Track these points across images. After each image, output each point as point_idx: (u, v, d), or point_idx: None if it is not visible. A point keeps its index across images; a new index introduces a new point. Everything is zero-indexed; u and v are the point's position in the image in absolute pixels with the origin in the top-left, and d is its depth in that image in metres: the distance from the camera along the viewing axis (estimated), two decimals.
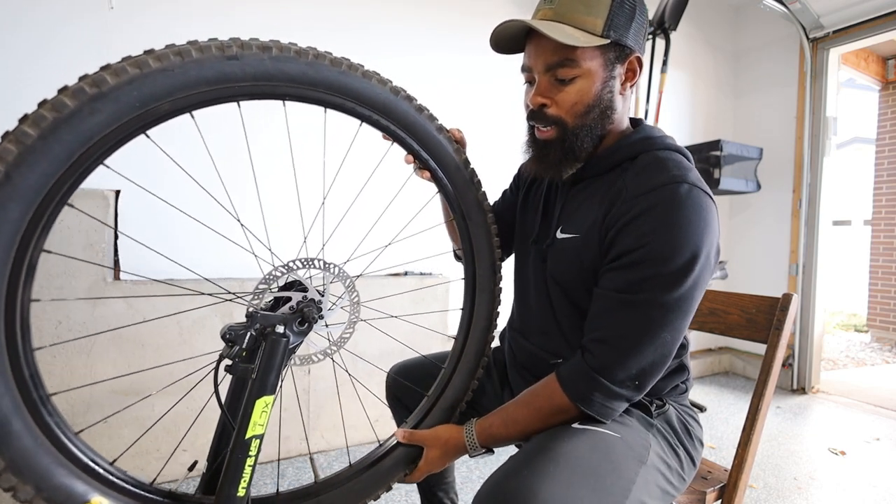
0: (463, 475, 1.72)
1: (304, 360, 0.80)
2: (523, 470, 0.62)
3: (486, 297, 0.90)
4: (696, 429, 0.87)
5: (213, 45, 0.60)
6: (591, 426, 0.72)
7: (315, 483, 0.80)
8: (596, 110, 0.76)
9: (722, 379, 3.07)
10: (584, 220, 0.78)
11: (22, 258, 0.52)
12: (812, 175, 2.83)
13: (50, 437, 0.56)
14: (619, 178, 0.76)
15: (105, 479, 0.61)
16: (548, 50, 0.73)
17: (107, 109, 0.53)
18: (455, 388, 0.90)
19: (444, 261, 2.03)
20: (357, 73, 0.70)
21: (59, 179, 0.52)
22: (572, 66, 0.72)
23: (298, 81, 0.66)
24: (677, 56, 2.96)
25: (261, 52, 0.62)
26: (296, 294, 0.75)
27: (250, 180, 1.56)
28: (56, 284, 1.43)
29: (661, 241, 0.67)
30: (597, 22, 0.71)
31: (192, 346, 1.60)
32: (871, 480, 1.80)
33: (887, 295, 4.41)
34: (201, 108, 0.61)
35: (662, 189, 0.69)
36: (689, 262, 0.67)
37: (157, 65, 0.56)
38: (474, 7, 2.30)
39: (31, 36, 1.51)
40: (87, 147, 0.53)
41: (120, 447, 1.52)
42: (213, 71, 0.59)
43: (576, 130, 0.76)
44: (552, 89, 0.75)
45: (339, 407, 1.88)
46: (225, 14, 1.79)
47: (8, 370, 0.52)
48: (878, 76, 4.20)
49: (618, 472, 0.66)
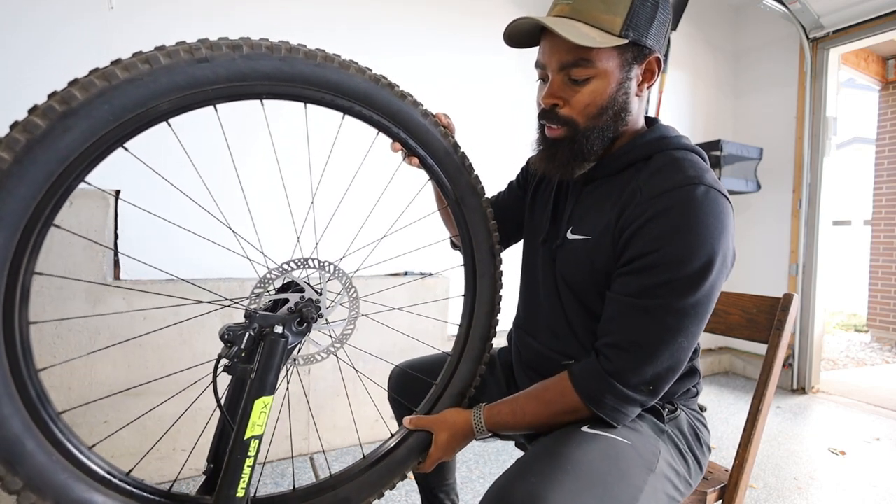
0: (463, 475, 1.72)
1: (307, 360, 0.79)
2: (531, 476, 0.61)
3: (487, 281, 0.89)
4: (705, 434, 0.86)
5: (180, 48, 0.58)
6: (601, 431, 0.71)
7: (330, 477, 0.80)
8: (609, 112, 0.73)
9: (722, 379, 3.07)
10: (597, 221, 0.76)
11: (14, 284, 0.52)
12: (812, 175, 2.83)
13: (64, 453, 0.56)
14: (633, 179, 0.74)
15: (123, 489, 0.62)
16: (562, 49, 0.70)
17: (80, 126, 0.52)
18: (462, 376, 0.90)
19: (444, 260, 2.03)
20: (334, 65, 0.68)
21: (40, 202, 0.51)
22: (587, 66, 0.69)
23: (274, 78, 0.64)
24: (677, 56, 2.96)
25: (231, 51, 0.60)
26: (293, 295, 0.74)
27: (242, 182, 1.56)
28: (56, 284, 1.43)
29: (676, 245, 0.65)
30: (616, 20, 0.67)
31: (191, 346, 1.60)
32: (871, 480, 1.80)
33: (887, 295, 4.41)
34: (177, 115, 0.60)
35: (678, 191, 0.67)
36: (705, 266, 0.65)
37: (126, 75, 0.54)
38: (474, 7, 2.30)
39: (31, 36, 1.51)
40: (66, 166, 0.52)
41: (120, 447, 1.52)
42: (184, 76, 0.57)
43: (587, 132, 0.74)
44: (565, 89, 0.73)
45: (338, 407, 1.88)
46: (225, 14, 1.78)
47: (14, 392, 0.52)
48: (878, 76, 4.20)
49: (626, 481, 0.65)
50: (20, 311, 0.53)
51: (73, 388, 1.47)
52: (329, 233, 1.23)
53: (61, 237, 1.44)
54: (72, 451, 0.57)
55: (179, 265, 1.65)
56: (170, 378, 1.59)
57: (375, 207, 1.12)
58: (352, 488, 0.79)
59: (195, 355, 1.61)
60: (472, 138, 2.37)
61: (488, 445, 1.95)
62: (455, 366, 0.90)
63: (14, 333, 0.52)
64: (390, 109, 0.75)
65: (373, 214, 1.13)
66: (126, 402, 1.54)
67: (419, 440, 0.84)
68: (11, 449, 0.51)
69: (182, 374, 1.62)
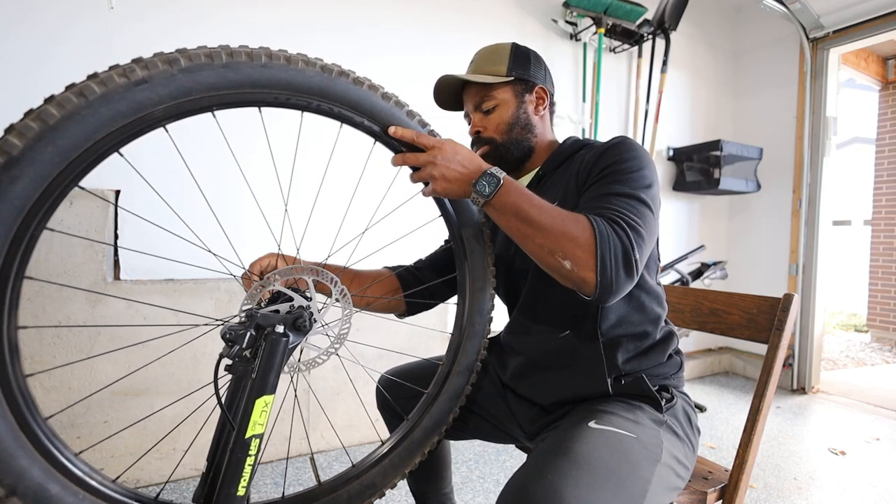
0: (463, 475, 1.72)
1: (308, 366, 0.79)
2: (547, 473, 0.63)
3: (477, 258, 0.88)
4: (693, 416, 0.90)
5: (114, 73, 0.54)
6: (606, 426, 0.73)
7: (353, 467, 0.83)
8: (517, 127, 0.96)
9: (722, 379, 3.07)
10: (560, 191, 0.90)
11: (3, 290, 0.51)
12: (812, 175, 2.83)
13: (52, 462, 0.56)
14: (577, 159, 0.91)
15: (110, 497, 0.61)
16: (474, 94, 0.97)
17: (27, 174, 0.50)
18: (468, 353, 0.90)
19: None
20: (280, 62, 0.65)
21: (6, 256, 0.50)
22: (490, 99, 0.96)
23: (220, 88, 0.60)
24: (677, 56, 2.96)
25: (169, 66, 0.57)
26: (283, 305, 0.73)
27: (230, 192, 1.55)
28: (56, 285, 1.43)
29: (629, 161, 0.81)
30: (501, 68, 0.96)
31: (191, 346, 1.60)
32: (871, 480, 1.80)
33: (887, 295, 4.41)
34: (127, 143, 0.57)
35: (613, 140, 0.86)
36: (653, 173, 0.82)
37: (62, 112, 0.51)
38: (473, 6, 2.31)
39: (31, 36, 1.51)
40: (22, 217, 0.50)
41: (120, 447, 1.52)
42: (125, 103, 0.54)
43: (505, 144, 0.96)
44: (482, 120, 0.97)
45: (338, 407, 1.88)
46: (226, 12, 1.79)
47: (3, 401, 0.52)
48: (878, 76, 4.20)
49: (637, 473, 0.68)
50: (9, 318, 0.52)
51: (74, 388, 1.47)
52: (313, 233, 1.23)
53: (62, 237, 1.44)
54: (59, 458, 0.56)
55: (179, 265, 1.65)
56: (170, 378, 1.60)
57: (355, 202, 1.11)
58: (375, 474, 0.82)
59: (195, 354, 1.61)
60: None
61: (488, 446, 1.94)
62: (458, 345, 0.90)
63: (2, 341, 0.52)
64: (349, 99, 0.71)
65: (354, 210, 1.12)
66: (126, 403, 1.54)
67: (433, 418, 0.87)
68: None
69: (183, 375, 1.62)
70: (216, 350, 1.54)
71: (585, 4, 2.43)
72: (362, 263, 1.06)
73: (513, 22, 2.42)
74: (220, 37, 1.71)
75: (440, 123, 0.91)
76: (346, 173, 1.47)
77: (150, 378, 1.56)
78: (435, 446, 0.89)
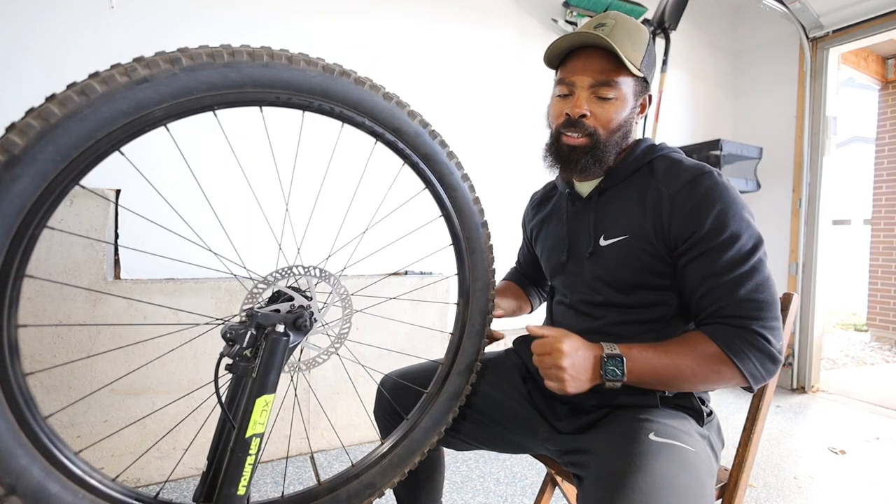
0: (463, 475, 1.72)
1: (308, 365, 0.79)
2: (631, 493, 0.63)
3: (478, 257, 0.87)
4: (721, 430, 0.90)
5: (115, 72, 0.54)
6: (667, 439, 0.73)
7: (352, 466, 0.83)
8: (622, 130, 0.85)
9: None
10: (629, 222, 0.84)
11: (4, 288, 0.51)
12: (812, 174, 2.83)
13: (52, 460, 0.56)
14: (646, 181, 0.85)
15: (109, 496, 0.61)
16: (596, 69, 0.81)
17: (28, 173, 0.50)
18: (467, 352, 0.89)
19: (443, 260, 2.03)
20: (282, 61, 0.65)
21: (7, 255, 0.50)
22: (614, 86, 0.82)
23: (221, 87, 0.60)
24: (677, 55, 2.96)
25: (170, 65, 0.57)
26: (283, 305, 0.73)
27: (231, 191, 1.56)
28: (56, 284, 1.43)
29: (726, 214, 0.75)
30: (638, 57, 0.82)
31: (192, 345, 1.60)
32: (871, 480, 1.80)
33: (887, 294, 4.42)
34: (128, 142, 0.57)
35: (697, 180, 0.78)
36: (756, 235, 0.77)
37: (63, 111, 0.51)
38: (473, 4, 2.31)
39: (31, 36, 1.51)
40: (23, 215, 0.51)
41: (120, 446, 1.53)
42: (127, 101, 0.54)
43: (606, 143, 0.85)
44: (595, 105, 0.83)
45: (338, 406, 1.88)
46: (227, 9, 1.78)
47: (3, 400, 0.52)
48: (877, 76, 4.20)
49: (704, 490, 0.68)
50: (9, 318, 0.52)
51: (74, 387, 1.47)
52: (314, 235, 1.23)
53: (62, 237, 1.44)
54: (61, 458, 0.56)
55: (180, 264, 1.65)
56: (170, 377, 1.60)
57: (357, 205, 1.12)
58: (374, 473, 0.82)
59: (195, 353, 1.61)
60: (475, 132, 2.37)
61: None
62: (457, 345, 0.89)
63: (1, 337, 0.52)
64: (350, 98, 0.71)
65: (355, 212, 1.12)
66: (126, 401, 1.54)
67: (433, 417, 0.86)
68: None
69: (183, 374, 1.62)
70: (216, 349, 1.55)
71: (586, 4, 2.43)
72: (362, 263, 1.06)
73: (513, 21, 2.42)
74: (220, 36, 1.71)
75: (440, 123, 0.91)
76: (346, 173, 1.47)
77: (151, 377, 1.56)
78: (434, 446, 0.89)
